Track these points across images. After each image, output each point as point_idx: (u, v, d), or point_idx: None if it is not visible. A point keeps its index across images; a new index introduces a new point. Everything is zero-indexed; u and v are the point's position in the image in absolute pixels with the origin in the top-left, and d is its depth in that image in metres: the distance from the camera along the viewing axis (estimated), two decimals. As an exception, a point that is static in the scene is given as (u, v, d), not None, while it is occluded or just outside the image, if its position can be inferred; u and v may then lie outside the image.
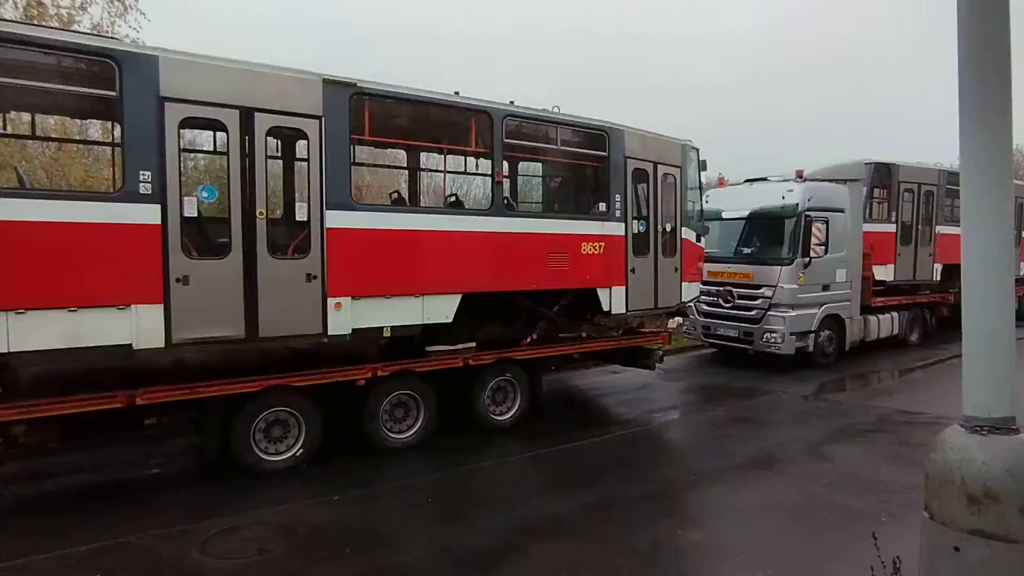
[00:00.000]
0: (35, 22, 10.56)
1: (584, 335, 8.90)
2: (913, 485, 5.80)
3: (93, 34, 10.31)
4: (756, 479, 6.18)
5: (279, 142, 7.53)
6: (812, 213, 11.28)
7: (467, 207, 8.95)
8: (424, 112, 7.38)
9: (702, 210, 10.31)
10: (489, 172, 7.57)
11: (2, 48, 4.89)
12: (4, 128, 7.51)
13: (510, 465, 6.69)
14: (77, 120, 10.10)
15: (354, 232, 6.31)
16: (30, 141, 10.64)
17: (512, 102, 7.62)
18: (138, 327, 5.36)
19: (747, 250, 12.06)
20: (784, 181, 11.86)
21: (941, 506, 2.44)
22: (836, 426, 8.02)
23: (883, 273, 13.21)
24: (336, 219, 6.20)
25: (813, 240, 11.21)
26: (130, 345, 5.36)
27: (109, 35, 11.14)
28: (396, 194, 8.21)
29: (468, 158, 8.75)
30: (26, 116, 7.61)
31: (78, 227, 5.11)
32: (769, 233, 11.78)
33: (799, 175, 11.64)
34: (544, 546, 4.73)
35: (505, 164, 7.78)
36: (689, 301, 10.16)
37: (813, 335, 11.58)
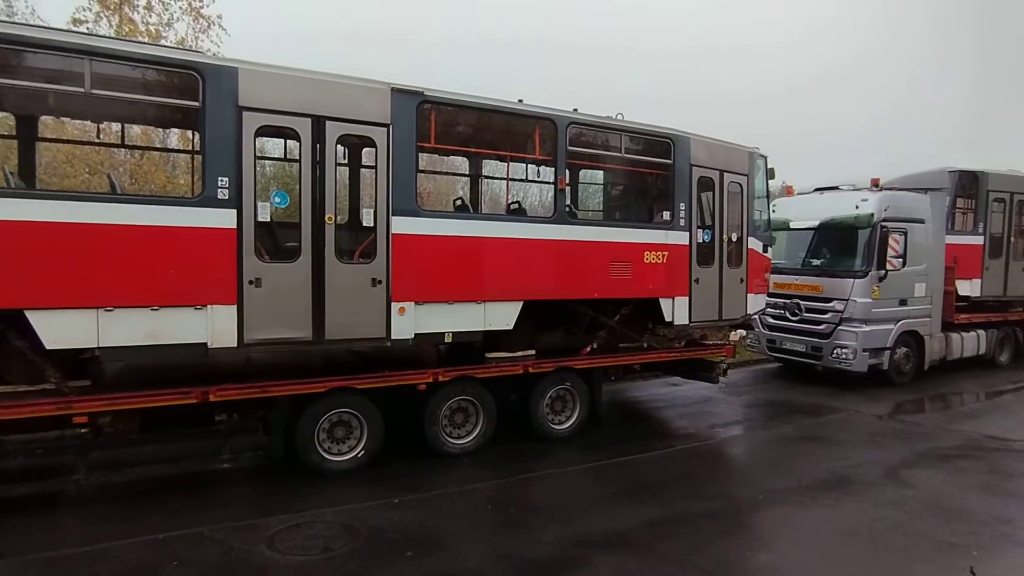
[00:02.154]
0: (127, 38, 11.26)
1: (645, 345, 8.72)
2: (1008, 517, 5.42)
3: (180, 48, 10.93)
4: (829, 501, 5.87)
5: (347, 149, 7.73)
6: (889, 223, 10.69)
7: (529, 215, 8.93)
8: (488, 120, 7.43)
9: (769, 220, 9.96)
10: (551, 179, 7.53)
11: (100, 63, 5.22)
12: (98, 137, 8.04)
13: (569, 475, 6.59)
14: (159, 129, 10.72)
15: (419, 238, 6.39)
16: (117, 149, 11.34)
17: (575, 109, 7.58)
18: (213, 327, 5.57)
19: (816, 262, 11.55)
20: (857, 190, 11.32)
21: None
22: (916, 449, 7.54)
23: (968, 288, 12.38)
24: (402, 225, 6.30)
25: (889, 252, 10.61)
26: (205, 344, 5.57)
27: (193, 49, 11.78)
28: (460, 201, 8.28)
29: (530, 165, 8.78)
30: (116, 126, 8.10)
31: (162, 230, 5.37)
32: (841, 244, 11.24)
33: (875, 184, 11.08)
34: (607, 559, 4.62)
35: (567, 171, 7.72)
36: (754, 313, 9.81)
37: (888, 352, 10.95)
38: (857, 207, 10.90)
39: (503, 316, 6.99)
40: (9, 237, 4.83)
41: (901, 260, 10.76)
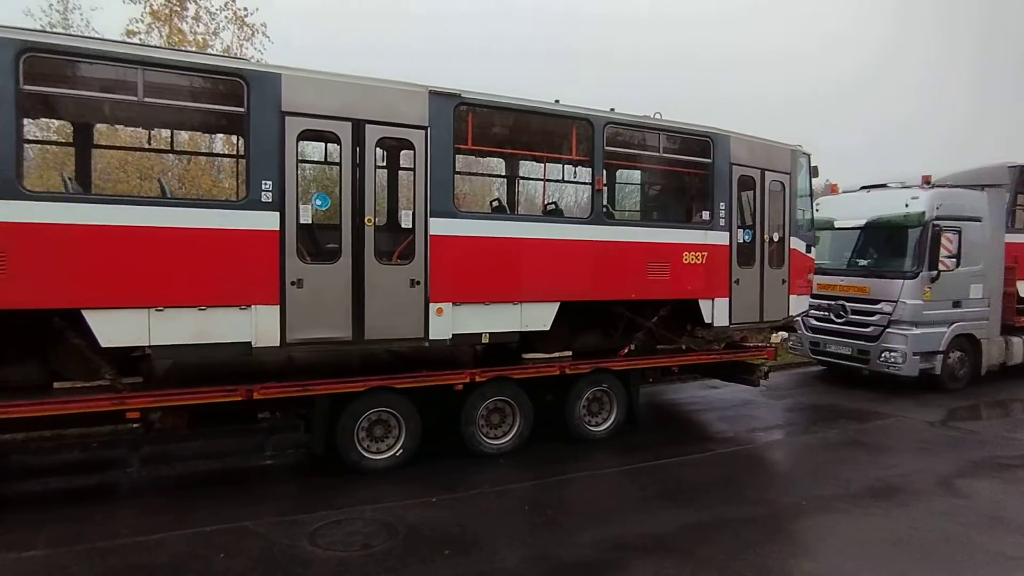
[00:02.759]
0: (177, 47, 11.67)
1: (683, 347, 8.60)
2: (1072, 530, 5.13)
3: (226, 56, 11.27)
4: (877, 510, 5.67)
5: (386, 152, 7.84)
6: (941, 222, 10.27)
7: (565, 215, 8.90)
8: (524, 120, 7.44)
9: (812, 219, 9.71)
10: (587, 180, 7.49)
11: (152, 72, 5.43)
12: (149, 143, 8.36)
13: (606, 477, 6.55)
14: (206, 134, 11.08)
15: (456, 239, 6.44)
16: (166, 154, 11.77)
17: (612, 109, 7.53)
18: (257, 326, 5.71)
19: (863, 262, 11.19)
20: (906, 188, 10.93)
21: None
22: (971, 458, 7.22)
23: (1031, 290, 11.80)
24: (439, 226, 6.35)
25: (942, 252, 10.20)
26: (249, 343, 5.71)
27: (239, 57, 12.13)
28: (497, 202, 8.31)
29: (566, 166, 8.76)
30: (165, 132, 8.40)
31: (209, 232, 5.54)
32: (889, 244, 10.87)
33: (926, 181, 10.66)
34: (645, 563, 4.57)
35: (604, 172, 7.67)
36: (797, 315, 9.57)
37: (941, 356, 10.51)
38: (907, 205, 10.51)
39: (540, 317, 6.99)
40: (68, 240, 5.06)
41: (955, 260, 10.34)
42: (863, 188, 11.90)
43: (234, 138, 9.32)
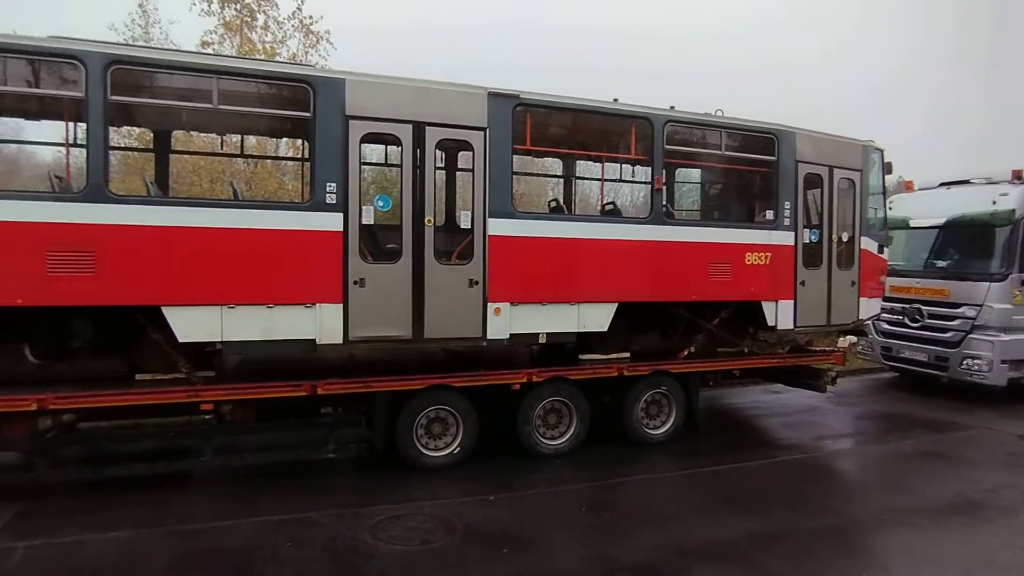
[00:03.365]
0: (248, 56, 12.18)
1: (745, 350, 8.34)
2: None
3: (293, 63, 11.71)
4: (957, 527, 5.34)
5: (445, 153, 7.94)
6: None
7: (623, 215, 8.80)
8: (583, 120, 7.41)
9: (886, 218, 9.24)
10: (645, 179, 7.38)
11: (226, 80, 5.69)
12: (221, 148, 8.76)
13: (665, 481, 6.43)
14: (273, 139, 11.53)
15: (515, 239, 6.46)
16: (234, 158, 12.30)
17: (672, 107, 7.39)
18: (321, 324, 5.90)
19: (942, 263, 10.55)
20: (993, 183, 10.22)
21: None
22: (1067, 475, 6.71)
23: None
24: (498, 227, 6.39)
25: (1036, 252, 9.51)
26: (314, 340, 5.91)
27: (304, 63, 12.57)
28: (555, 202, 8.29)
29: (624, 165, 8.66)
30: (235, 137, 8.78)
31: (277, 233, 5.76)
32: (972, 244, 10.20)
33: (1016, 176, 9.94)
34: (706, 570, 4.47)
35: (664, 171, 7.53)
36: (868, 319, 9.12)
37: (1035, 365, 9.79)
38: (994, 202, 9.83)
39: (597, 318, 6.92)
40: (150, 241, 5.37)
41: (1053, 262, 9.61)
42: (942, 184, 11.20)
43: (299, 142, 9.67)
